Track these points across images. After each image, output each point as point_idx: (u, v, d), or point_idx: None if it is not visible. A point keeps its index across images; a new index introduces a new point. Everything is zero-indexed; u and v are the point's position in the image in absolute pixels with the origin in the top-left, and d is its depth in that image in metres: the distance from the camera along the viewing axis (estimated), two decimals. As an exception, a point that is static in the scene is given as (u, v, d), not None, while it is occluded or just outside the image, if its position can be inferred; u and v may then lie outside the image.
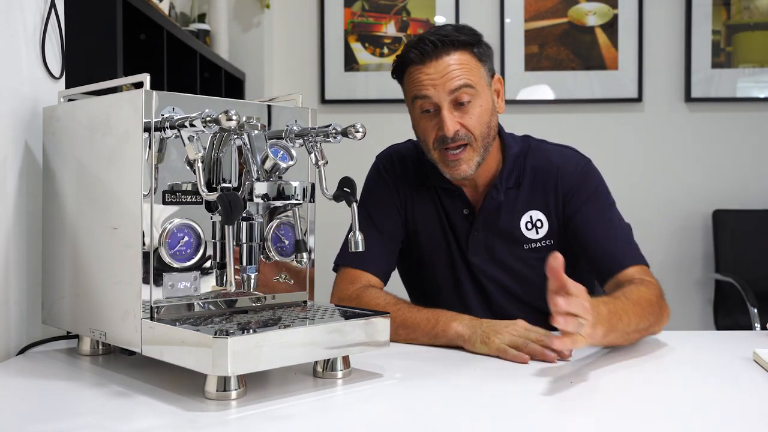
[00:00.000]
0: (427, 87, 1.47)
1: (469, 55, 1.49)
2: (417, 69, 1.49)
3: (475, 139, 1.50)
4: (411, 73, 1.50)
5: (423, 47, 1.47)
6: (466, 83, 1.47)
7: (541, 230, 1.58)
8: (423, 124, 1.52)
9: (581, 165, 1.62)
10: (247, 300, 1.22)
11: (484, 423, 0.96)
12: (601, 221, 1.57)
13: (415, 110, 1.52)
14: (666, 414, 1.00)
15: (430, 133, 1.51)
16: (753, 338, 1.47)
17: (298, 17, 3.89)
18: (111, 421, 0.95)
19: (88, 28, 1.94)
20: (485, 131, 1.51)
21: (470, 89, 1.48)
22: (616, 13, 3.77)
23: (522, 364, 1.24)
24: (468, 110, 1.48)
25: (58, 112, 1.29)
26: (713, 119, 3.79)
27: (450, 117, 1.47)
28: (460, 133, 1.48)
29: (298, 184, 1.11)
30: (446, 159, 1.50)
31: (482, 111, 1.50)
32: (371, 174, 1.70)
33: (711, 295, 3.72)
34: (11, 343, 1.32)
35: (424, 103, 1.49)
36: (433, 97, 1.48)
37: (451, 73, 1.46)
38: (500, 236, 1.59)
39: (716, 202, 3.75)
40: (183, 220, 1.13)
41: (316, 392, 1.09)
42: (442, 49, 1.47)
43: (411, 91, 1.51)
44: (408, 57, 1.50)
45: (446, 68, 1.47)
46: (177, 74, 2.69)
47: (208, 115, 1.05)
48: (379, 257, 1.59)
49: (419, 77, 1.48)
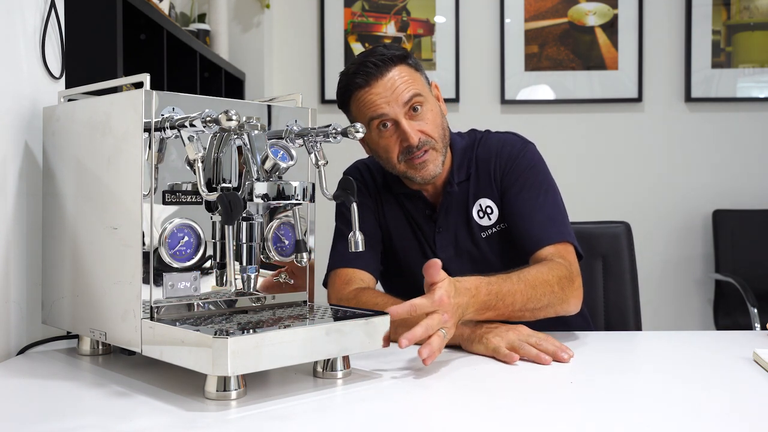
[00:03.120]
0: (381, 106, 1.51)
1: (406, 67, 1.54)
2: (365, 92, 1.52)
3: (436, 141, 1.55)
4: (360, 98, 1.53)
5: (366, 70, 1.52)
6: (415, 92, 1.52)
7: (492, 216, 1.62)
8: (383, 142, 1.55)
9: (516, 148, 1.64)
10: (247, 300, 1.22)
11: (483, 423, 0.96)
12: (524, 200, 1.59)
13: (373, 130, 1.55)
14: (666, 414, 1.00)
15: (393, 148, 1.54)
16: (753, 338, 1.47)
17: (298, 17, 3.89)
18: (111, 421, 0.95)
19: (88, 28, 1.94)
20: (441, 133, 1.57)
21: (420, 97, 1.53)
22: (616, 13, 3.78)
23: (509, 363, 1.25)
24: (422, 116, 1.54)
25: (58, 112, 1.29)
26: (713, 119, 3.79)
27: (410, 126, 1.51)
28: (422, 139, 1.53)
29: (298, 184, 1.11)
30: (413, 164, 1.54)
31: (434, 115, 1.56)
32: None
33: (711, 295, 3.72)
34: (11, 343, 1.32)
35: (381, 120, 1.52)
36: (389, 113, 1.51)
37: (398, 87, 1.51)
38: (460, 229, 1.64)
39: (716, 202, 3.75)
40: (183, 220, 1.13)
41: (316, 392, 1.09)
42: (384, 67, 1.52)
43: (365, 114, 1.54)
44: (354, 83, 1.53)
45: (393, 84, 1.51)
46: (177, 74, 2.69)
47: (208, 115, 1.05)
48: (368, 256, 1.62)
49: (371, 99, 1.52)
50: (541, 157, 1.66)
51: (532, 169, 1.62)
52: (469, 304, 1.28)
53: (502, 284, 1.35)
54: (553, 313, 1.43)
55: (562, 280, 1.44)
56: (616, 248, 1.89)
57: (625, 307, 1.86)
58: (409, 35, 3.85)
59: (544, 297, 1.39)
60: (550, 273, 1.43)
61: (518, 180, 1.60)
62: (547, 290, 1.40)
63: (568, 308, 1.46)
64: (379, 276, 1.74)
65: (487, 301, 1.31)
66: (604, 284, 1.88)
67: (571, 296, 1.45)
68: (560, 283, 1.43)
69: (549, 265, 1.46)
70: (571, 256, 1.52)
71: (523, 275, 1.40)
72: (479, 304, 1.30)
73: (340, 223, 1.68)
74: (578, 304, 1.48)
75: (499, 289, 1.33)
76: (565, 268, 1.47)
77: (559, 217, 1.59)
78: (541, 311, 1.40)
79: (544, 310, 1.41)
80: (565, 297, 1.44)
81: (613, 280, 1.87)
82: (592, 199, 3.71)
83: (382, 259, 1.71)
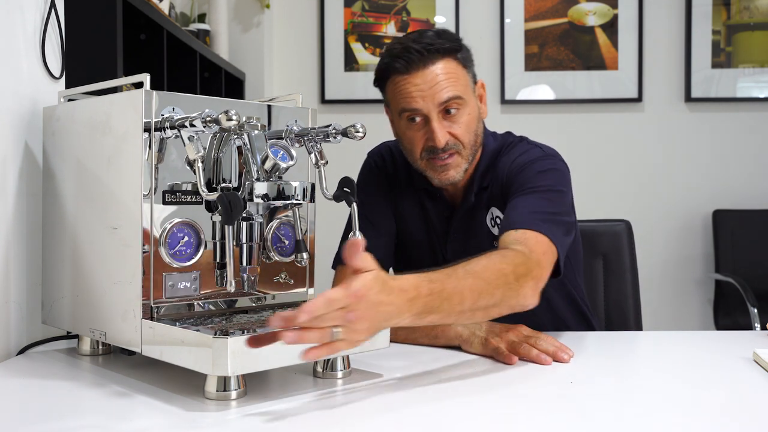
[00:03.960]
0: (416, 99, 1.44)
1: (454, 63, 1.46)
2: (403, 79, 1.45)
3: (464, 147, 1.48)
4: (396, 83, 1.46)
5: (408, 56, 1.43)
6: (454, 94, 1.44)
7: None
8: (410, 134, 1.49)
9: (531, 156, 1.53)
10: (247, 300, 1.22)
11: (484, 423, 0.96)
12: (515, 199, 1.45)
13: (402, 120, 1.49)
14: (666, 414, 1.00)
15: (418, 143, 1.48)
16: (753, 338, 1.47)
17: (298, 17, 3.89)
18: (111, 421, 0.95)
19: (88, 28, 1.94)
20: (473, 139, 1.50)
21: (459, 100, 1.45)
22: (616, 13, 3.77)
23: (509, 364, 1.24)
24: (456, 119, 1.46)
25: (58, 112, 1.29)
26: (713, 119, 3.79)
27: (440, 128, 1.45)
28: (450, 143, 1.46)
29: (298, 184, 1.11)
30: (434, 165, 1.49)
31: (470, 119, 1.48)
32: (363, 171, 1.69)
33: (711, 295, 3.72)
34: (11, 343, 1.32)
35: (412, 114, 1.46)
36: (422, 109, 1.44)
37: (439, 84, 1.43)
38: (474, 235, 1.58)
39: (716, 202, 3.75)
40: (183, 220, 1.13)
41: (316, 392, 1.09)
42: (428, 57, 1.43)
43: (398, 102, 1.47)
44: (393, 66, 1.45)
45: (434, 78, 1.43)
46: (177, 74, 2.69)
47: (208, 115, 1.05)
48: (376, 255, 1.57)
49: (407, 88, 1.45)
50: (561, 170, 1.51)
51: (538, 174, 1.49)
52: (403, 308, 1.03)
53: (446, 281, 1.11)
54: (507, 309, 1.22)
55: (518, 268, 1.23)
56: (617, 246, 1.89)
57: (625, 305, 1.86)
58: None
59: (497, 291, 1.18)
60: (503, 261, 1.23)
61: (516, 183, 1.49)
62: (501, 282, 1.19)
63: (525, 301, 1.24)
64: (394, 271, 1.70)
65: (428, 303, 1.06)
66: (604, 282, 1.87)
67: (527, 287, 1.23)
68: (515, 272, 1.22)
69: (502, 253, 1.27)
70: (537, 246, 1.31)
71: (471, 267, 1.17)
72: (419, 308, 1.05)
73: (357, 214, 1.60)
74: (535, 297, 1.26)
75: (442, 288, 1.09)
76: (522, 255, 1.27)
77: (543, 214, 1.40)
78: (494, 308, 1.19)
79: (498, 307, 1.19)
80: (520, 289, 1.22)
81: (613, 278, 1.87)
82: (591, 199, 3.71)
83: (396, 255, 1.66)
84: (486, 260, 1.21)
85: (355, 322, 0.97)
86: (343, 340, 0.97)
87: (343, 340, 0.98)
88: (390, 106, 1.52)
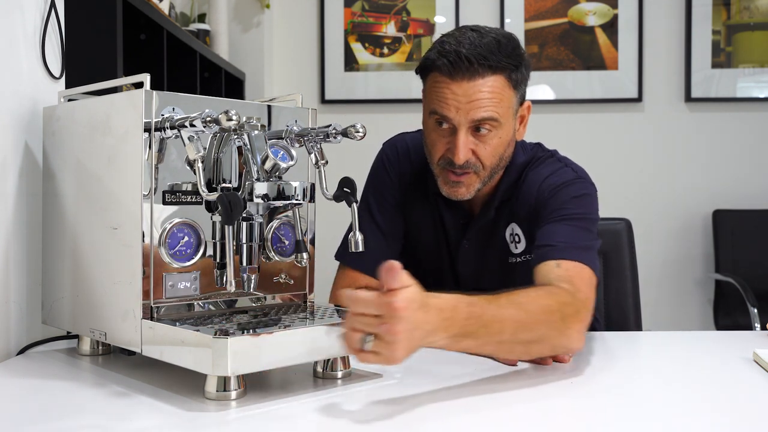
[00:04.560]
0: (450, 107, 1.35)
1: (503, 81, 1.36)
2: (444, 81, 1.36)
3: (483, 168, 1.41)
4: (437, 82, 1.37)
5: (455, 59, 1.33)
6: (490, 116, 1.35)
7: (519, 245, 1.50)
8: (434, 137, 1.41)
9: (563, 179, 1.46)
10: (247, 300, 1.22)
11: (484, 423, 0.96)
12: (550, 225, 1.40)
13: (431, 119, 1.41)
14: (666, 414, 1.00)
15: (439, 149, 1.41)
16: (753, 338, 1.47)
17: (298, 17, 3.89)
18: (111, 421, 0.95)
19: (88, 28, 1.94)
20: (496, 162, 1.42)
21: (493, 122, 1.36)
22: (616, 13, 3.78)
23: (511, 366, 1.23)
24: (485, 140, 1.38)
25: (58, 112, 1.29)
26: (713, 119, 3.79)
27: (464, 144, 1.36)
28: (470, 162, 1.39)
29: (298, 185, 1.11)
30: (447, 178, 1.42)
31: (499, 143, 1.40)
32: (375, 166, 1.63)
33: (711, 295, 3.72)
34: (11, 343, 1.32)
35: (441, 119, 1.38)
36: (452, 119, 1.36)
37: (478, 102, 1.34)
38: (490, 247, 1.52)
39: (716, 202, 3.75)
40: (183, 220, 1.13)
41: (316, 392, 1.09)
42: (477, 70, 1.33)
43: (431, 101, 1.39)
44: (436, 65, 1.36)
45: (475, 94, 1.34)
46: (177, 74, 2.69)
47: (208, 115, 1.05)
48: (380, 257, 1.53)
49: (444, 93, 1.36)
50: (592, 195, 1.48)
51: (572, 200, 1.43)
52: (438, 327, 0.99)
53: (487, 306, 1.07)
54: (549, 349, 1.19)
55: (564, 308, 1.18)
56: (617, 245, 1.88)
57: (625, 305, 1.86)
58: (409, 35, 3.85)
59: (540, 326, 1.14)
60: (549, 298, 1.19)
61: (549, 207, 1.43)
62: (545, 318, 1.15)
63: (570, 344, 1.20)
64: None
65: (465, 326, 1.03)
66: (604, 282, 1.87)
67: (573, 330, 1.19)
68: (561, 312, 1.17)
69: (548, 289, 1.23)
70: (582, 283, 1.28)
71: (515, 297, 1.13)
72: (455, 330, 1.02)
73: (363, 211, 1.55)
74: (582, 341, 1.21)
75: (482, 312, 1.05)
76: (570, 295, 1.22)
77: (582, 243, 1.37)
78: (535, 344, 1.16)
79: (539, 344, 1.16)
80: (566, 330, 1.18)
81: (613, 277, 1.87)
82: (592, 199, 3.71)
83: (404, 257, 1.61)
84: (532, 293, 1.18)
85: (386, 335, 0.93)
86: (377, 353, 0.95)
87: (378, 354, 0.95)
88: (424, 98, 1.45)
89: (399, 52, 3.85)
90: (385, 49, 3.86)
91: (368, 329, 0.95)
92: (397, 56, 3.85)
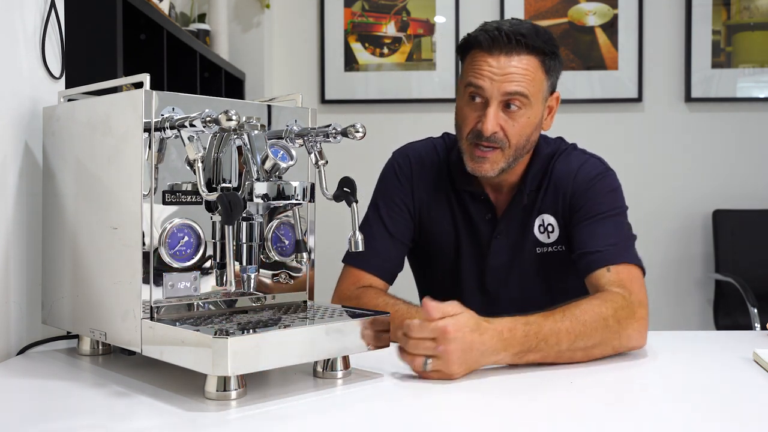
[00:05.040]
0: (484, 78, 1.43)
1: (537, 63, 1.44)
2: (482, 55, 1.44)
3: (509, 146, 1.46)
4: (475, 57, 1.46)
5: (495, 35, 1.42)
6: (522, 91, 1.42)
7: (552, 235, 1.55)
8: (466, 111, 1.48)
9: (596, 171, 1.55)
10: (247, 300, 1.22)
11: (483, 423, 0.96)
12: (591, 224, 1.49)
13: (464, 94, 1.48)
14: (666, 414, 1.00)
15: (470, 123, 1.47)
16: (753, 338, 1.47)
17: (298, 17, 3.89)
18: (111, 421, 0.95)
19: (88, 28, 1.94)
20: (522, 143, 1.47)
21: (524, 98, 1.43)
22: (616, 13, 3.78)
23: None
24: (514, 116, 1.44)
25: (58, 112, 1.29)
26: (713, 119, 3.79)
27: (494, 117, 1.43)
28: (497, 136, 1.44)
29: (298, 184, 1.11)
30: (473, 153, 1.47)
31: (527, 123, 1.46)
32: (386, 172, 1.66)
33: (711, 295, 3.71)
34: (11, 343, 1.32)
35: (475, 91, 1.45)
36: (486, 90, 1.43)
37: (512, 75, 1.42)
38: (518, 239, 1.56)
39: (716, 202, 3.75)
40: (183, 220, 1.13)
41: (316, 392, 1.09)
42: (515, 46, 1.42)
43: (467, 74, 1.46)
44: (477, 39, 1.45)
45: (509, 67, 1.42)
46: (177, 74, 2.69)
47: (208, 115, 1.05)
48: (385, 259, 1.56)
49: (480, 65, 1.43)
50: (620, 186, 1.57)
51: (607, 195, 1.52)
52: (498, 347, 1.16)
53: (543, 323, 1.21)
54: (611, 350, 1.28)
55: (619, 312, 1.29)
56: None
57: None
58: (409, 35, 3.85)
59: (596, 333, 1.25)
60: (603, 306, 1.28)
61: (588, 203, 1.50)
62: (600, 325, 1.25)
63: (630, 343, 1.30)
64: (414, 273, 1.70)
65: (525, 344, 1.18)
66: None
67: (630, 329, 1.29)
68: (616, 316, 1.28)
69: (602, 297, 1.32)
70: (634, 284, 1.37)
71: (570, 311, 1.25)
72: (516, 348, 1.18)
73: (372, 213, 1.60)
74: (642, 338, 1.32)
75: (539, 329, 1.20)
76: (623, 299, 1.32)
77: (624, 242, 1.47)
78: (595, 349, 1.26)
79: (599, 348, 1.26)
80: (623, 331, 1.28)
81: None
82: (592, 199, 3.71)
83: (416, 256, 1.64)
84: (585, 304, 1.28)
85: (443, 355, 1.11)
86: (438, 371, 1.12)
87: (438, 371, 1.12)
88: (462, 77, 1.51)
89: (399, 52, 3.85)
90: (385, 49, 3.86)
91: (426, 352, 1.12)
92: (397, 56, 3.85)
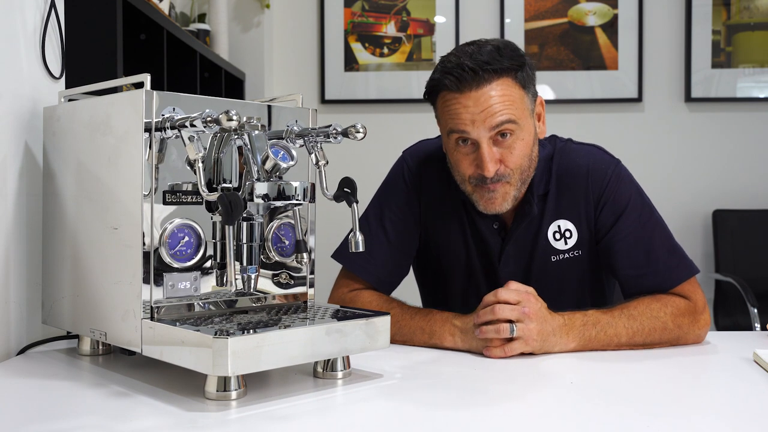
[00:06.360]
0: (466, 123, 1.34)
1: (510, 83, 1.34)
2: (453, 97, 1.35)
3: (513, 175, 1.39)
4: (447, 101, 1.36)
5: (460, 74, 1.32)
6: (508, 119, 1.33)
7: (570, 240, 1.48)
8: (458, 157, 1.39)
9: (611, 168, 1.48)
10: (247, 300, 1.22)
11: (483, 423, 0.96)
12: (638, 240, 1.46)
13: (450, 140, 1.39)
14: (666, 414, 1.00)
15: (466, 168, 1.39)
16: (753, 338, 1.47)
17: (298, 17, 3.89)
18: (111, 421, 0.95)
19: (88, 28, 1.94)
20: (526, 165, 1.40)
21: (512, 124, 1.34)
22: (616, 13, 3.77)
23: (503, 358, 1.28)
24: (509, 145, 1.36)
25: (58, 112, 1.29)
26: (713, 119, 3.79)
27: (490, 156, 1.35)
28: (500, 172, 1.37)
29: (299, 185, 1.11)
30: (482, 193, 1.40)
31: (524, 145, 1.38)
32: (393, 174, 1.59)
33: (711, 295, 3.71)
34: (11, 343, 1.32)
35: (461, 136, 1.36)
36: (471, 135, 1.34)
37: (492, 108, 1.32)
38: (530, 248, 1.49)
39: (716, 202, 3.75)
40: (183, 220, 1.13)
41: (316, 392, 1.09)
42: (482, 77, 1.32)
43: (447, 122, 1.37)
44: (442, 83, 1.35)
45: (487, 101, 1.32)
46: (177, 74, 2.69)
47: (208, 115, 1.05)
48: (383, 268, 1.51)
49: (456, 109, 1.34)
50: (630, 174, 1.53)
51: (635, 196, 1.49)
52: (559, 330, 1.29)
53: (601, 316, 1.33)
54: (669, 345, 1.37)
55: (678, 317, 1.37)
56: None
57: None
58: (409, 35, 3.85)
59: (654, 333, 1.35)
60: (662, 310, 1.36)
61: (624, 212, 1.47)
62: (658, 325, 1.35)
63: (687, 342, 1.39)
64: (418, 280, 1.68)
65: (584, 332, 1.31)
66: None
67: (689, 333, 1.38)
68: (675, 320, 1.36)
69: (663, 300, 1.38)
70: (691, 292, 1.42)
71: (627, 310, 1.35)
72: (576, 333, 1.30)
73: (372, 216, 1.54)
74: (701, 336, 1.41)
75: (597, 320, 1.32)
76: (683, 302, 1.39)
77: (677, 247, 1.50)
78: (654, 346, 1.36)
79: (658, 345, 1.36)
80: (683, 335, 1.38)
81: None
82: (592, 199, 3.71)
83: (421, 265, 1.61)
84: (643, 306, 1.36)
85: (528, 316, 1.25)
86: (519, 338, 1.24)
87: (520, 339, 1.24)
88: (439, 122, 1.43)
89: (399, 52, 3.85)
90: (385, 49, 3.86)
91: (511, 315, 1.24)
92: (397, 56, 3.85)
